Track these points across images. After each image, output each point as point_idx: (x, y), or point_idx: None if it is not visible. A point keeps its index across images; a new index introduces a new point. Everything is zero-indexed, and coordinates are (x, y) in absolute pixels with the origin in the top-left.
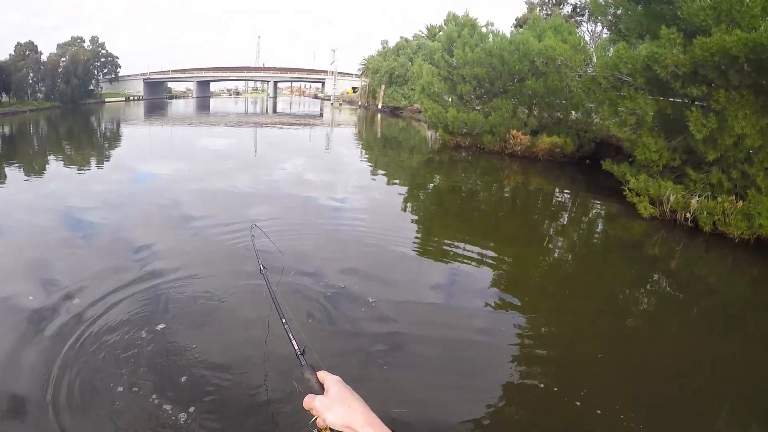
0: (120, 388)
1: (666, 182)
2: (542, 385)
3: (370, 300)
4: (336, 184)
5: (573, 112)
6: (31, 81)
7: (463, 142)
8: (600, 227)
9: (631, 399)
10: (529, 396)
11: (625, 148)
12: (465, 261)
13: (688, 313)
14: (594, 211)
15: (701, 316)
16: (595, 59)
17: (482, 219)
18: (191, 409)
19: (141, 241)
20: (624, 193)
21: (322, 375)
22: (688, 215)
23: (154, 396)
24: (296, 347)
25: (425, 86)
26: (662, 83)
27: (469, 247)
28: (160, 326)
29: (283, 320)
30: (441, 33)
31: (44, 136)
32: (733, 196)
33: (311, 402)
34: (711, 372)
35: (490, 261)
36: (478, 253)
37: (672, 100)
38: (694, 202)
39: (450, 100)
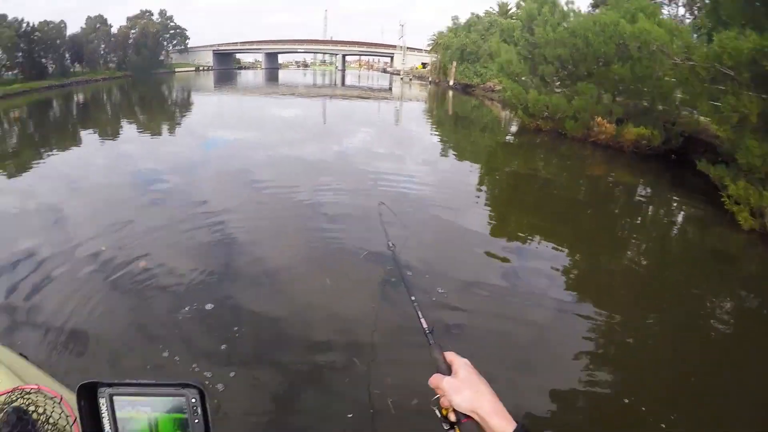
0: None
1: None
2: (603, 392)
3: (440, 290)
4: (404, 158)
5: (660, 103)
6: (102, 52)
7: (543, 125)
8: (688, 233)
9: (694, 415)
10: (586, 401)
11: (721, 147)
12: (537, 252)
13: None
14: (681, 213)
15: None
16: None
17: (559, 209)
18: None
19: (209, 204)
20: (722, 199)
21: (451, 356)
22: None
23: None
24: (425, 325)
25: (504, 65)
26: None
27: (542, 238)
28: (233, 293)
29: (413, 298)
30: (514, 10)
31: (117, 103)
32: None
33: (438, 381)
34: None
35: (563, 255)
36: (552, 246)
37: None
38: None
39: (530, 80)
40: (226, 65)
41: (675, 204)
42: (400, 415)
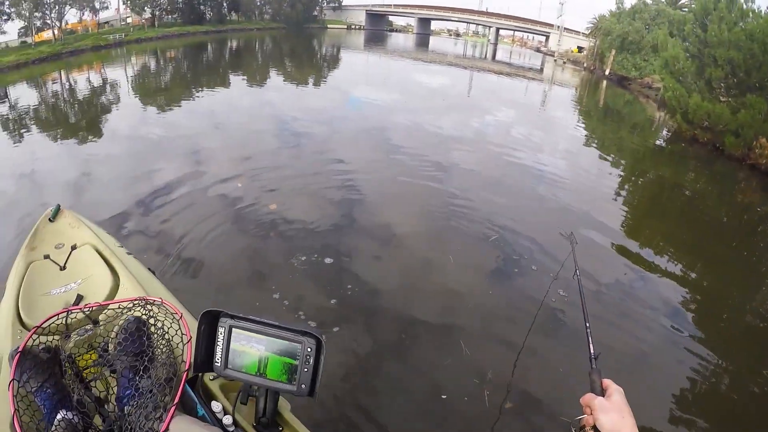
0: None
1: None
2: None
3: (561, 292)
4: (542, 147)
5: None
6: (258, 3)
7: (701, 136)
8: None
9: None
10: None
11: None
12: (664, 269)
13: None
14: None
15: None
16: None
17: (699, 229)
18: None
19: (342, 160)
20: None
21: (607, 382)
22: None
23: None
24: (592, 350)
25: (669, 61)
26: None
27: (673, 257)
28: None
29: (587, 324)
30: (685, 1)
31: (268, 53)
32: None
33: (590, 400)
34: None
35: (690, 280)
36: (681, 268)
37: None
38: None
39: (695, 83)
40: (378, 26)
41: None
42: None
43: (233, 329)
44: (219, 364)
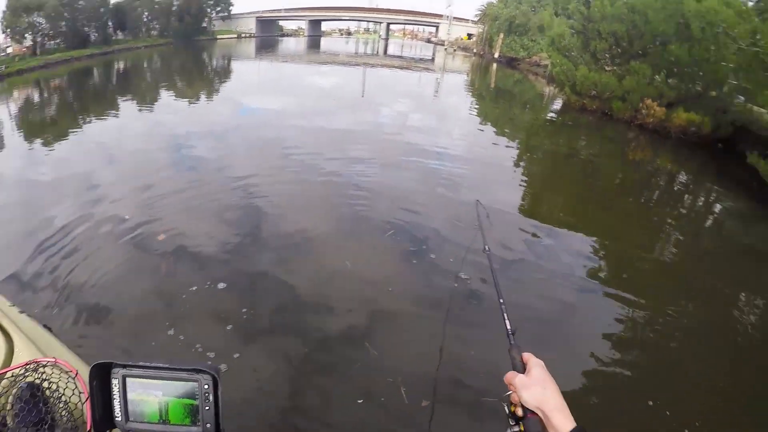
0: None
1: None
2: (620, 377)
3: (472, 272)
4: (439, 132)
5: (714, 89)
6: (145, 19)
7: (590, 105)
8: (729, 228)
9: (717, 421)
10: (604, 384)
11: None
12: (568, 234)
13: None
14: (725, 207)
15: None
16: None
17: (597, 192)
18: None
19: (242, 171)
20: None
21: (527, 356)
22: None
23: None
24: (509, 326)
25: (555, 38)
26: None
27: (576, 220)
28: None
29: (501, 300)
30: None
31: (157, 71)
32: None
33: (512, 378)
34: None
35: (596, 239)
36: (585, 229)
37: None
38: None
39: (581, 56)
40: (268, 32)
41: (718, 197)
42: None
43: (127, 379)
44: (120, 419)
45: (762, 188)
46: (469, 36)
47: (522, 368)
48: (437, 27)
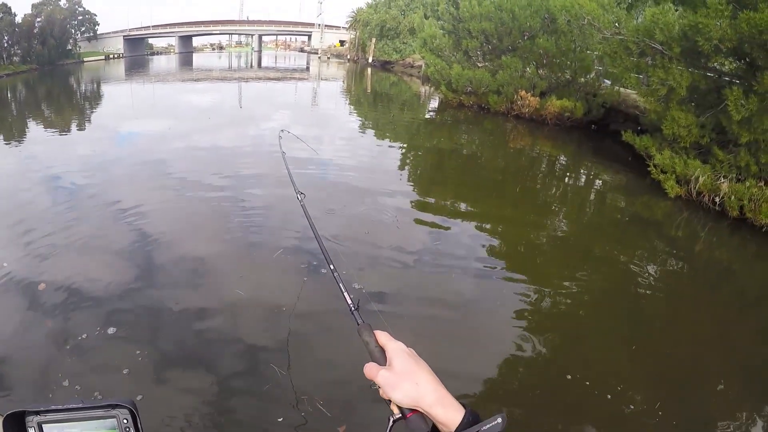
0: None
1: (694, 161)
2: (536, 356)
3: (361, 267)
4: (322, 140)
5: (582, 76)
6: (6, 45)
7: (466, 101)
8: (613, 201)
9: (637, 379)
10: (521, 367)
11: (644, 118)
12: (462, 226)
13: (704, 297)
14: (605, 182)
15: (718, 301)
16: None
17: (484, 183)
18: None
19: (124, 204)
20: (648, 168)
21: (383, 339)
22: (716, 199)
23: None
24: (349, 301)
25: (427, 40)
26: (697, 55)
27: (467, 212)
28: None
29: (332, 266)
30: None
31: (22, 101)
32: (762, 183)
33: (373, 373)
34: (721, 355)
35: (489, 228)
36: (478, 220)
37: (705, 73)
38: (724, 186)
39: (453, 56)
40: (137, 51)
41: (598, 173)
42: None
43: (43, 426)
44: None
45: (636, 161)
46: (342, 43)
47: (381, 356)
48: (309, 36)
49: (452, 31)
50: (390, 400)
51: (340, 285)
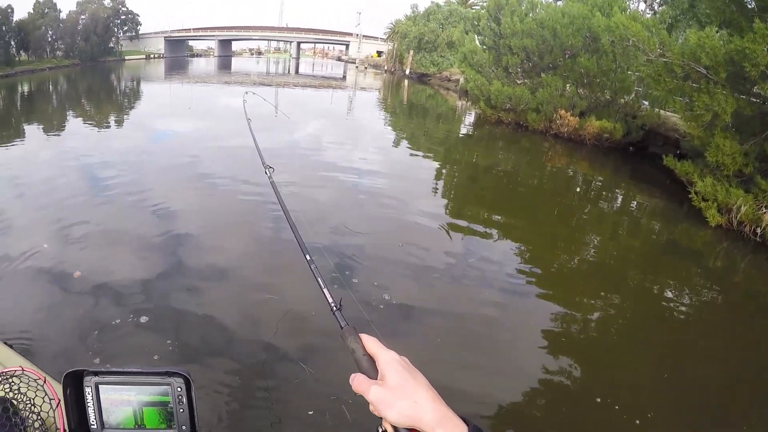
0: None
1: (737, 190)
2: (565, 381)
3: (385, 283)
4: (355, 150)
5: (622, 97)
6: (50, 39)
7: (505, 117)
8: (649, 227)
9: (668, 408)
10: (547, 387)
11: (684, 142)
12: (494, 244)
13: (740, 331)
14: (642, 207)
15: (755, 337)
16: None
17: (518, 202)
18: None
19: (157, 200)
20: (690, 195)
21: (372, 347)
22: (758, 230)
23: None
24: (330, 299)
25: (467, 54)
26: (743, 80)
27: (500, 231)
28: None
29: (307, 256)
30: (474, 0)
31: (63, 94)
32: None
33: (363, 388)
34: (757, 394)
35: (521, 248)
36: (510, 239)
37: (750, 99)
38: (766, 216)
39: (493, 72)
40: (178, 52)
41: (635, 196)
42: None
43: (99, 386)
44: (95, 426)
45: (674, 185)
46: (379, 53)
47: (370, 366)
48: (347, 45)
49: (493, 47)
50: (381, 418)
51: (319, 280)
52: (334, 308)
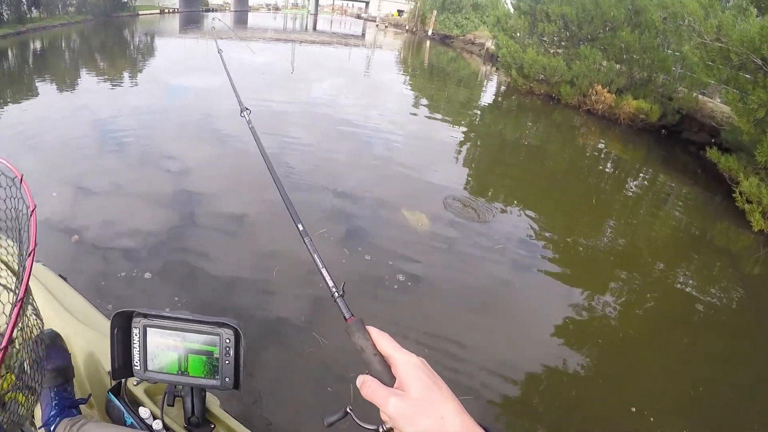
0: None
1: None
2: (582, 381)
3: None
4: (371, 112)
5: (661, 77)
6: None
7: (537, 88)
8: (678, 216)
9: (704, 424)
10: (573, 390)
11: (729, 134)
12: (514, 220)
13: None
14: (675, 195)
15: None
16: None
17: (544, 176)
18: None
19: (171, 153)
20: (733, 195)
21: (387, 347)
22: None
23: None
24: (331, 284)
25: (501, 18)
26: None
27: (522, 205)
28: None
29: (299, 225)
30: None
31: (76, 50)
32: None
33: (379, 398)
34: None
35: (542, 224)
36: (532, 214)
37: None
38: None
39: (527, 39)
40: (192, 7)
41: (667, 184)
42: None
43: (148, 329)
44: (139, 368)
45: (705, 174)
46: (400, 12)
47: (384, 369)
48: (367, 3)
49: (529, 12)
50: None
51: (315, 257)
52: (336, 295)
